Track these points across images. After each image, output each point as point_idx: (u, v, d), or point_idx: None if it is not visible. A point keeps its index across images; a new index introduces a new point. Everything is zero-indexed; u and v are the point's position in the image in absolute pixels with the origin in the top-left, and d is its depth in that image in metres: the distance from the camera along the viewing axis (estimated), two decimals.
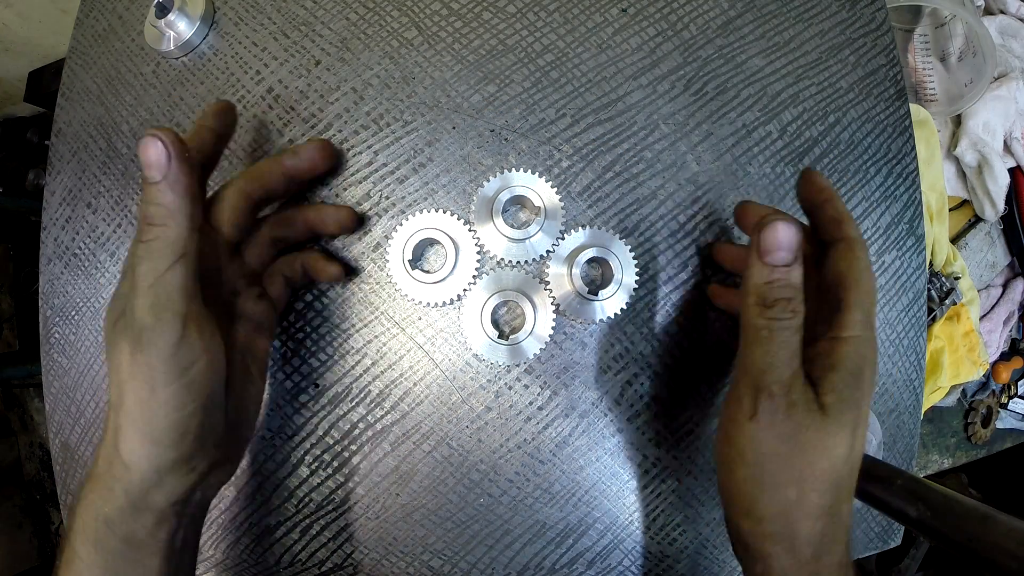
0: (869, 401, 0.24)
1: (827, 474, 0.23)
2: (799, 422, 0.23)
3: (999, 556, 0.22)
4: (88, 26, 0.38)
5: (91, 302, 0.36)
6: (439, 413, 0.33)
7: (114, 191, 0.36)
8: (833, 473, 0.23)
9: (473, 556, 0.33)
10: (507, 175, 0.32)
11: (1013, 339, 0.76)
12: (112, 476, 0.25)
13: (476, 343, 0.32)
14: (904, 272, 0.37)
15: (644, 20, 0.35)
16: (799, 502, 0.23)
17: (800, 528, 0.23)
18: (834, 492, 0.24)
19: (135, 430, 0.24)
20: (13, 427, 1.32)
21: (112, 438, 0.25)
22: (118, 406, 0.24)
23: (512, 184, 0.32)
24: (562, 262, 0.32)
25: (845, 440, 0.23)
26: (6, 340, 1.26)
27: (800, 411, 0.23)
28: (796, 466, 0.23)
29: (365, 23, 0.35)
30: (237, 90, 0.35)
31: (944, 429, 0.74)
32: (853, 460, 0.24)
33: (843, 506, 0.24)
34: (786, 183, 0.35)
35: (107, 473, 0.25)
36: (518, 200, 0.33)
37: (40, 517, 1.31)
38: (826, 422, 0.23)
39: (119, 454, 0.24)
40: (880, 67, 0.37)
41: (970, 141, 0.65)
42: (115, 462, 0.24)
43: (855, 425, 0.24)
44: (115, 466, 0.24)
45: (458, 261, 0.32)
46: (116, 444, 0.24)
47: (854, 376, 0.24)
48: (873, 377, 0.24)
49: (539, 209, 0.32)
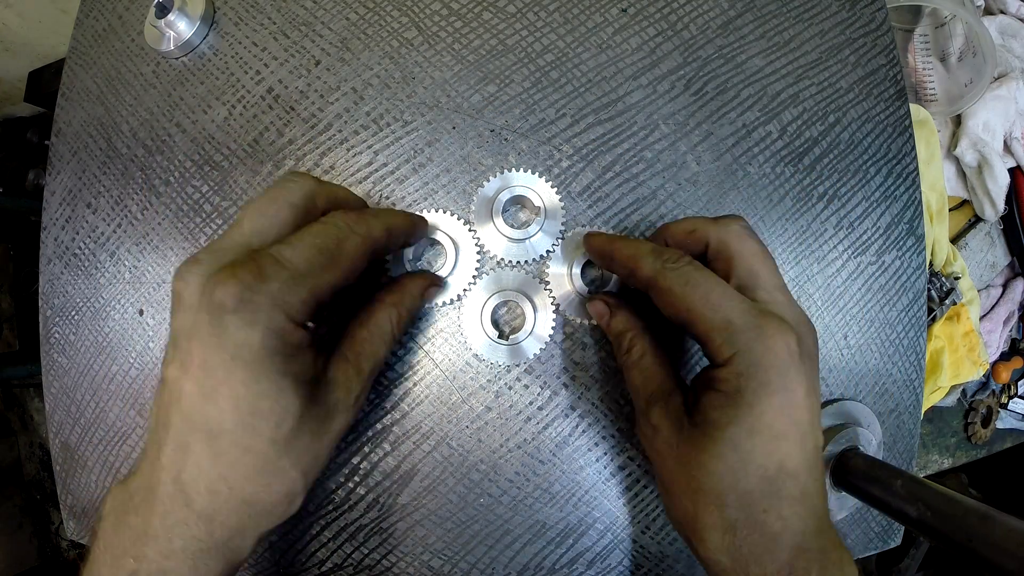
0: (770, 415, 0.23)
1: (717, 489, 0.23)
2: (669, 439, 0.25)
3: (999, 556, 0.22)
4: (88, 26, 0.38)
5: (91, 302, 0.36)
6: (439, 413, 0.33)
7: (114, 191, 0.36)
8: (723, 487, 0.23)
9: (473, 556, 0.33)
10: (507, 175, 0.32)
11: (1013, 339, 0.76)
12: (168, 514, 0.22)
13: (476, 343, 0.32)
14: (904, 272, 0.37)
15: (644, 20, 0.35)
16: (697, 515, 0.24)
17: (707, 539, 0.24)
18: (740, 507, 0.23)
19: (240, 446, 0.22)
20: (13, 427, 1.32)
21: (178, 462, 0.22)
22: (198, 416, 0.21)
23: (512, 184, 0.32)
24: (562, 262, 0.32)
25: (726, 456, 0.23)
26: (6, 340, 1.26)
27: (671, 428, 0.25)
28: (683, 480, 0.24)
29: (365, 23, 0.35)
30: (237, 90, 0.35)
31: (944, 429, 0.74)
32: (753, 475, 0.23)
33: (767, 516, 0.23)
34: (786, 183, 0.35)
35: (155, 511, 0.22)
36: (518, 200, 0.33)
37: (40, 517, 1.31)
38: (699, 438, 0.24)
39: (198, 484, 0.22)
40: (880, 67, 0.37)
41: (970, 141, 0.65)
42: (180, 496, 0.22)
43: (737, 442, 0.23)
44: (174, 501, 0.22)
45: (458, 261, 0.32)
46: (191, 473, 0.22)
47: (728, 395, 0.23)
48: (766, 387, 0.23)
49: (539, 209, 0.32)
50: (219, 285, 0.21)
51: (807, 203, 0.35)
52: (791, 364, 0.23)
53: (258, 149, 0.35)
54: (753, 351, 0.23)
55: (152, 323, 0.35)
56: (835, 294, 0.35)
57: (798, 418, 0.23)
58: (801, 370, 0.23)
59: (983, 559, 0.23)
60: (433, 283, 0.31)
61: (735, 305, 0.23)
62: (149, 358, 0.35)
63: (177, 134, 0.36)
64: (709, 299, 0.24)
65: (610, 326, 0.29)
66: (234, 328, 0.21)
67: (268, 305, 0.21)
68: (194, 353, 0.21)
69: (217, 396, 0.21)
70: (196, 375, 0.21)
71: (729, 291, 0.24)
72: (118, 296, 0.36)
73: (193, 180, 0.35)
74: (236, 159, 0.35)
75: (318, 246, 0.23)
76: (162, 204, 0.35)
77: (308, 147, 0.34)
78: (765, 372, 0.23)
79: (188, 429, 0.22)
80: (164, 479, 0.22)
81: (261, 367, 0.21)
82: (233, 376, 0.21)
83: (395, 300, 0.28)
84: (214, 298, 0.20)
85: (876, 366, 0.36)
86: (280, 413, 0.22)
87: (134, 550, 0.22)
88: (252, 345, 0.21)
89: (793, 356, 0.23)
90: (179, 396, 0.21)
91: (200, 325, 0.21)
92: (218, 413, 0.21)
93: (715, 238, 0.26)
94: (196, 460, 0.22)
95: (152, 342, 0.35)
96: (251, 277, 0.21)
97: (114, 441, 0.36)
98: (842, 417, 0.34)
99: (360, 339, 0.26)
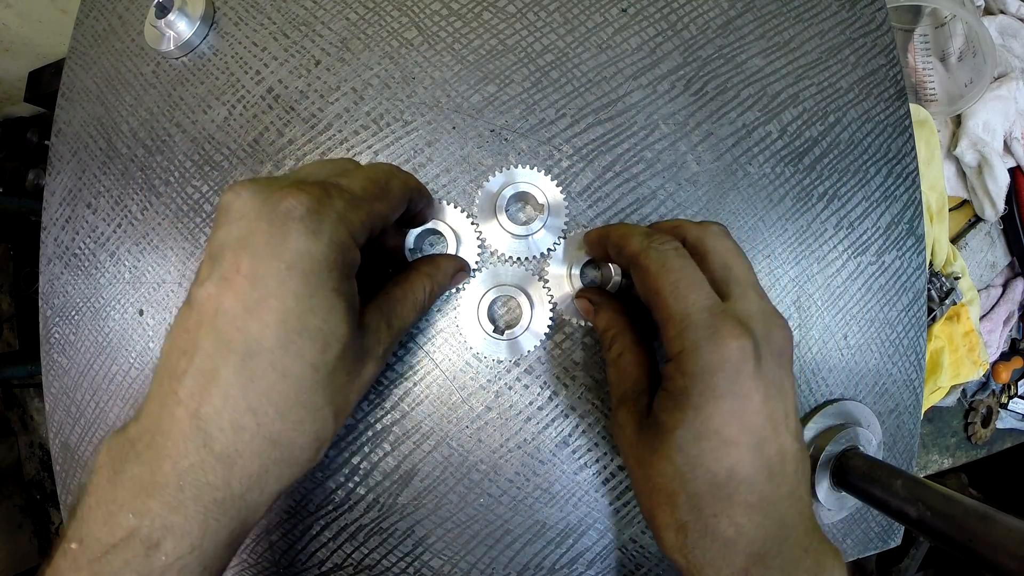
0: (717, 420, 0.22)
1: (668, 488, 0.23)
2: (630, 437, 0.25)
3: (999, 556, 0.22)
4: (88, 26, 0.38)
5: (91, 302, 0.36)
6: (439, 413, 0.33)
7: (114, 191, 0.36)
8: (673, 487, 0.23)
9: (473, 556, 0.33)
10: (512, 171, 0.32)
11: (1013, 339, 0.76)
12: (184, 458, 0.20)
13: (473, 338, 0.32)
14: (904, 272, 0.37)
15: (644, 20, 0.35)
16: (653, 513, 0.24)
17: (663, 537, 0.24)
18: (690, 509, 0.23)
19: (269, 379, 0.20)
20: (13, 427, 1.32)
21: (199, 393, 0.20)
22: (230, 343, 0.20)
23: (516, 180, 0.32)
24: (562, 263, 0.32)
25: (673, 458, 0.23)
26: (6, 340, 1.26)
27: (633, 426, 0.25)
28: (642, 478, 0.25)
29: (365, 23, 0.35)
30: (237, 90, 0.35)
31: (944, 429, 0.74)
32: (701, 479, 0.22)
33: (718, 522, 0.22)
34: (786, 183, 0.35)
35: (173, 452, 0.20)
36: (522, 197, 0.33)
37: (40, 517, 1.31)
38: (651, 439, 0.24)
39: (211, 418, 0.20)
40: (880, 67, 0.37)
41: (970, 141, 0.65)
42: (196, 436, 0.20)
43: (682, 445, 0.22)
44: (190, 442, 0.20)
45: (458, 253, 0.32)
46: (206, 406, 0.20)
47: (675, 397, 0.23)
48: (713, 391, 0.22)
49: (543, 206, 0.32)
50: (287, 196, 0.20)
51: (807, 203, 0.35)
52: (742, 369, 0.22)
53: (258, 149, 0.35)
54: (701, 351, 0.22)
55: (152, 323, 0.35)
56: (835, 294, 0.35)
57: (752, 424, 0.22)
58: (757, 375, 0.22)
59: (983, 559, 0.23)
60: (463, 268, 0.31)
61: (698, 299, 0.23)
62: (149, 358, 0.35)
63: (177, 134, 0.36)
64: (677, 287, 0.23)
65: (594, 323, 0.30)
66: (296, 235, 0.20)
67: (334, 218, 0.21)
68: (242, 264, 0.20)
69: (262, 309, 0.20)
70: (240, 287, 0.20)
71: (700, 284, 0.24)
72: (118, 296, 0.36)
73: (193, 180, 0.35)
74: (236, 159, 0.35)
75: (371, 178, 0.24)
76: (162, 204, 0.35)
77: (308, 147, 0.34)
78: (711, 376, 0.22)
79: (219, 351, 0.20)
80: (180, 415, 0.20)
81: (318, 280, 0.20)
82: (285, 287, 0.20)
83: (430, 271, 0.29)
84: (279, 207, 0.20)
85: (876, 366, 0.36)
86: (327, 335, 0.21)
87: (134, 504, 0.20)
88: (314, 254, 0.20)
89: (746, 361, 0.22)
90: (213, 315, 0.20)
91: (255, 234, 0.20)
92: (260, 328, 0.20)
93: (693, 235, 0.26)
94: (223, 388, 0.20)
95: (152, 342, 0.35)
96: (319, 191, 0.21)
97: None
98: (842, 417, 0.34)
99: (394, 297, 0.26)
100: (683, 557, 0.23)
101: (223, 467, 0.20)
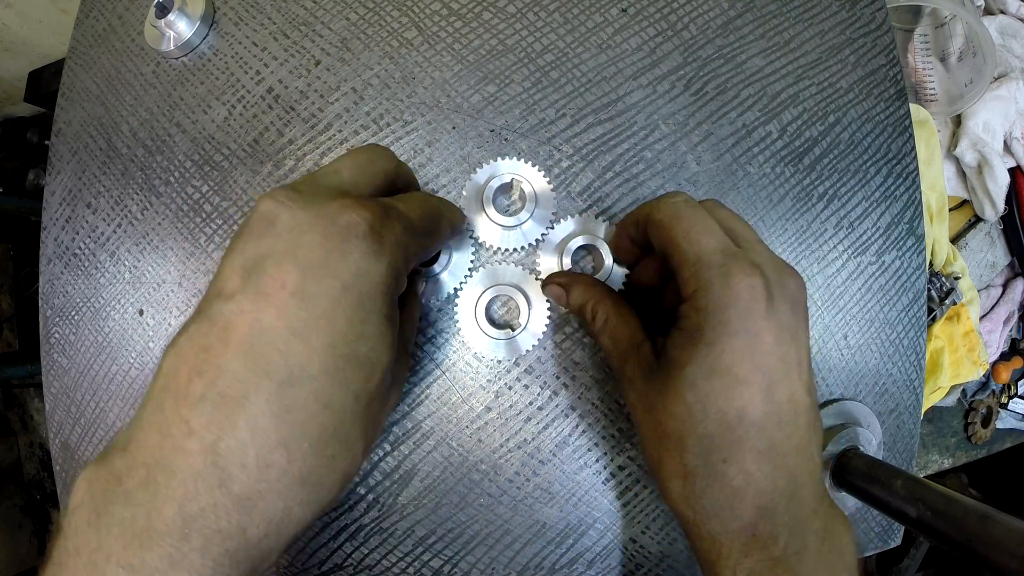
0: (729, 356, 0.22)
1: (678, 432, 0.23)
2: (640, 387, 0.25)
3: (999, 556, 0.22)
4: (88, 26, 0.38)
5: (91, 302, 0.36)
6: (439, 413, 0.33)
7: (114, 191, 0.36)
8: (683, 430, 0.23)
9: (473, 556, 0.33)
10: (496, 163, 0.32)
11: (1013, 339, 0.76)
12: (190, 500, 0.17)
13: (471, 337, 0.32)
14: (904, 272, 0.37)
15: (644, 20, 0.35)
16: (661, 461, 0.24)
17: (669, 488, 0.24)
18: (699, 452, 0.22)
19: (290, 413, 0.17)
20: (13, 427, 1.32)
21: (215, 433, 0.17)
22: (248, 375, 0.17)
23: (500, 172, 0.32)
24: (552, 251, 0.32)
25: (684, 396, 0.22)
26: (6, 340, 1.26)
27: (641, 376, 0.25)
28: (651, 427, 0.24)
29: (365, 23, 0.35)
30: (237, 90, 0.35)
31: (944, 429, 0.74)
32: (712, 418, 0.22)
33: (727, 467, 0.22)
34: (786, 183, 0.35)
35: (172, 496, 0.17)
36: (508, 188, 0.33)
37: (40, 517, 1.31)
38: (663, 379, 0.24)
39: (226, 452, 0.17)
40: (880, 67, 0.37)
41: (970, 141, 0.65)
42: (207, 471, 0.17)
43: (694, 381, 0.22)
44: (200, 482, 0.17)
45: (452, 254, 0.32)
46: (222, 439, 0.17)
47: (688, 333, 0.23)
48: (725, 326, 0.22)
49: (529, 195, 0.32)
50: (346, 210, 0.19)
51: (807, 203, 0.35)
52: (754, 307, 0.22)
53: (258, 149, 0.35)
54: (714, 288, 0.22)
55: (152, 323, 0.35)
56: (835, 294, 0.35)
57: (763, 364, 0.22)
58: (770, 316, 0.22)
59: (983, 559, 0.23)
60: None
61: (710, 242, 0.23)
62: (149, 358, 0.35)
63: (177, 134, 0.36)
64: (689, 233, 0.23)
65: (569, 304, 0.29)
66: (359, 254, 0.18)
67: (393, 242, 0.20)
68: (288, 279, 0.18)
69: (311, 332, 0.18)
70: (285, 304, 0.18)
71: (712, 229, 0.24)
72: (118, 296, 0.36)
73: (193, 180, 0.35)
74: (236, 159, 0.35)
75: (427, 211, 0.23)
76: (162, 204, 0.35)
77: (308, 147, 0.34)
78: (724, 311, 0.22)
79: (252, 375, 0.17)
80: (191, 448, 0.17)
81: (372, 304, 0.19)
82: (338, 308, 0.18)
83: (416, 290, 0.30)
84: (338, 221, 0.18)
85: (876, 366, 0.36)
86: (374, 363, 0.19)
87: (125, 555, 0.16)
88: (372, 276, 0.19)
89: (758, 299, 0.22)
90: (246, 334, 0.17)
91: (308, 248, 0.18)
92: (306, 353, 0.18)
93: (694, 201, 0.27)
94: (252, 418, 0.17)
95: (152, 342, 0.35)
96: (380, 210, 0.20)
97: None
98: (842, 417, 0.34)
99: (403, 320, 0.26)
100: (689, 508, 0.23)
101: (240, 511, 0.17)
